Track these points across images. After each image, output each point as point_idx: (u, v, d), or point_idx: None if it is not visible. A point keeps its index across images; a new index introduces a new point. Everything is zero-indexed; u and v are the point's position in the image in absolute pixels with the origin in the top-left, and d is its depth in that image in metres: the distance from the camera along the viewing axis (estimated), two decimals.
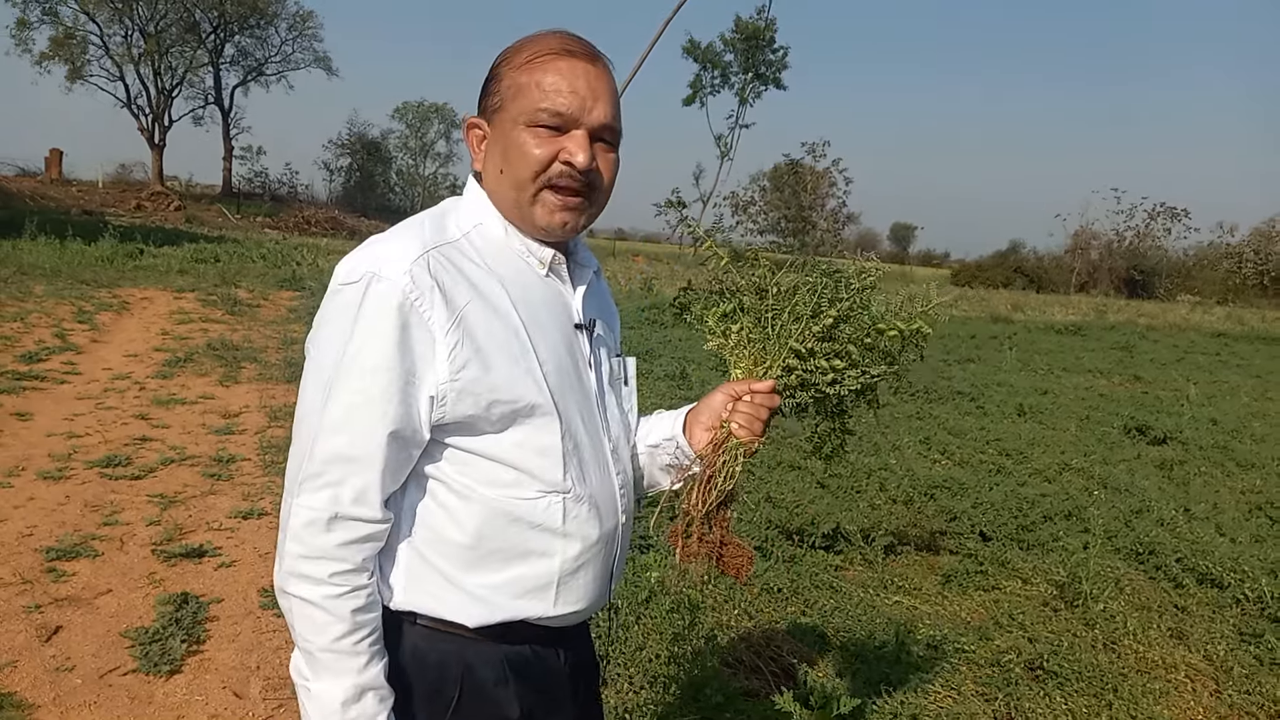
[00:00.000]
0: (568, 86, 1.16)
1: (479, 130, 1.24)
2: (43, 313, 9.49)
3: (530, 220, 1.21)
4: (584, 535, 1.23)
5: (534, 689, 1.27)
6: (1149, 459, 6.70)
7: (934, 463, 6.04)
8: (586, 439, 1.24)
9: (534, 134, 1.16)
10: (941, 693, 3.16)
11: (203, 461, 5.24)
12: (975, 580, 4.17)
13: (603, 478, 1.27)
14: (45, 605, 3.38)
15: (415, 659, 1.21)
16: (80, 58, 37.78)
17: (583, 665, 1.38)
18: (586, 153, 1.16)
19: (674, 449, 1.37)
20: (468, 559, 1.19)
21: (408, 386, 1.11)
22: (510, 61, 1.20)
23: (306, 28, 42.91)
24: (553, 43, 1.19)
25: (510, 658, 1.24)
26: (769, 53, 46.63)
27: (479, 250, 1.20)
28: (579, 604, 1.27)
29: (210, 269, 15.10)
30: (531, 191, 1.18)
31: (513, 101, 1.18)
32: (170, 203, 34.11)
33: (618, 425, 1.33)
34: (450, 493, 1.19)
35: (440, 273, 1.13)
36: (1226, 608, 4.03)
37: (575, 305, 1.28)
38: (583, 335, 1.28)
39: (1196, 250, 45.56)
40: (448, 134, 46.62)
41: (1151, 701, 3.15)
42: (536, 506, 1.19)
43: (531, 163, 1.16)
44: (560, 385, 1.21)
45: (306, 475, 1.13)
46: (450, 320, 1.12)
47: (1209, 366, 13.17)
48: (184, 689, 2.93)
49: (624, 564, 1.38)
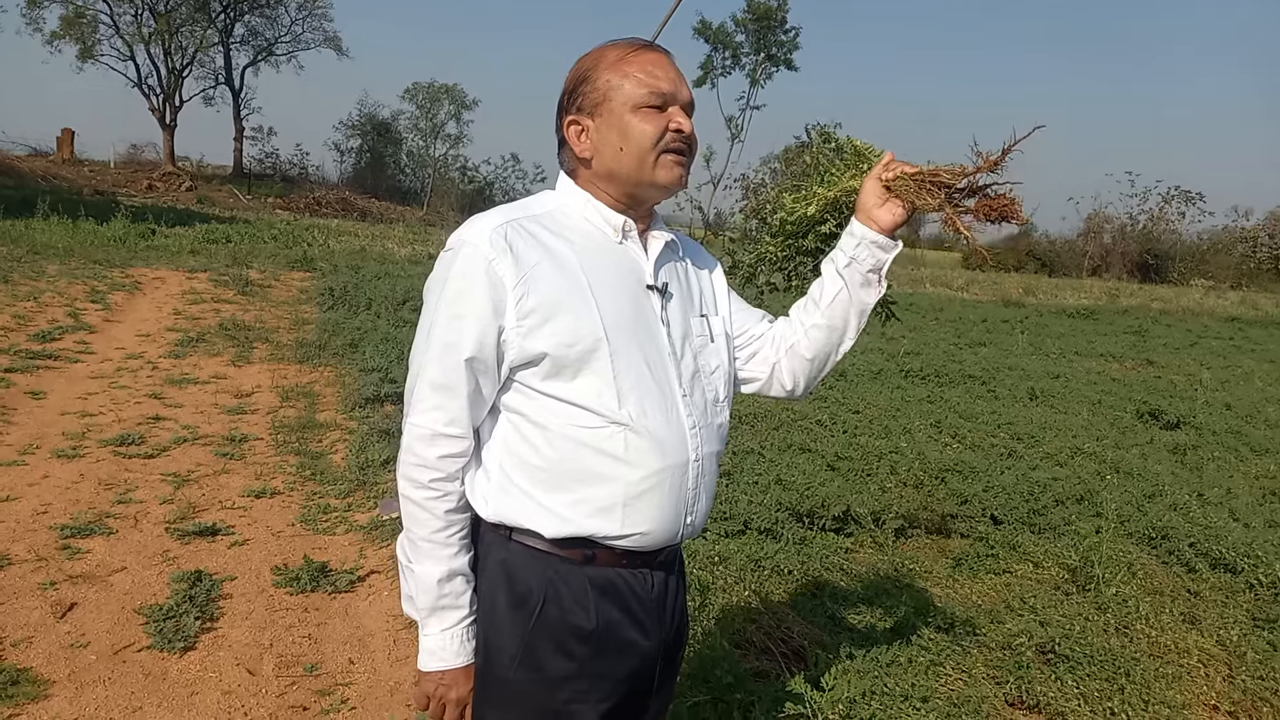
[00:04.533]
0: (662, 74, 1.43)
1: (579, 125, 1.46)
2: (56, 292, 9.53)
3: (654, 181, 1.44)
4: (645, 464, 1.41)
5: (616, 607, 1.45)
6: (1162, 444, 6.67)
7: (945, 446, 6.01)
8: (652, 382, 1.43)
9: (644, 115, 1.41)
10: (953, 675, 3.16)
11: (215, 441, 5.27)
12: (986, 564, 4.16)
13: (669, 417, 1.44)
14: (60, 582, 3.40)
15: (506, 569, 1.44)
16: (91, 37, 37.61)
17: (671, 603, 1.55)
18: (688, 121, 1.45)
19: (867, 250, 1.55)
20: (545, 480, 1.41)
21: (486, 329, 1.36)
22: (600, 64, 1.45)
23: (316, 7, 42.57)
24: (630, 43, 1.46)
25: (593, 577, 1.44)
26: (780, 33, 46.21)
27: (557, 221, 1.46)
28: (645, 526, 1.43)
29: (222, 249, 15.12)
30: (653, 158, 1.43)
31: (617, 93, 1.42)
32: (181, 183, 34.12)
33: (693, 375, 1.51)
34: (529, 424, 1.41)
35: (515, 239, 1.38)
36: (1240, 593, 4.01)
37: (647, 269, 1.49)
38: (655, 295, 1.48)
39: (1210, 234, 45.04)
40: (458, 115, 46.18)
41: (1164, 686, 3.14)
42: (599, 435, 1.39)
43: (651, 135, 1.41)
44: (620, 333, 1.41)
45: (416, 399, 1.41)
46: (519, 277, 1.36)
47: (1222, 351, 13.09)
48: (197, 666, 2.95)
49: (705, 504, 1.53)
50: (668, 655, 1.56)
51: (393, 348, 7.49)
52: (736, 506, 4.29)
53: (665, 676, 1.58)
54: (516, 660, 1.43)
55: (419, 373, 1.41)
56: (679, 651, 1.63)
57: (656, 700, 1.59)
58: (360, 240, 19.95)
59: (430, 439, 1.39)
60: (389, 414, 5.84)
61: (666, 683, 1.60)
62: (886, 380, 8.25)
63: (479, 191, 46.58)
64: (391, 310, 9.66)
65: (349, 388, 6.56)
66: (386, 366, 6.84)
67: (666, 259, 1.54)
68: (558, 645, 1.43)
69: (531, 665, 1.43)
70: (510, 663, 1.43)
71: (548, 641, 1.42)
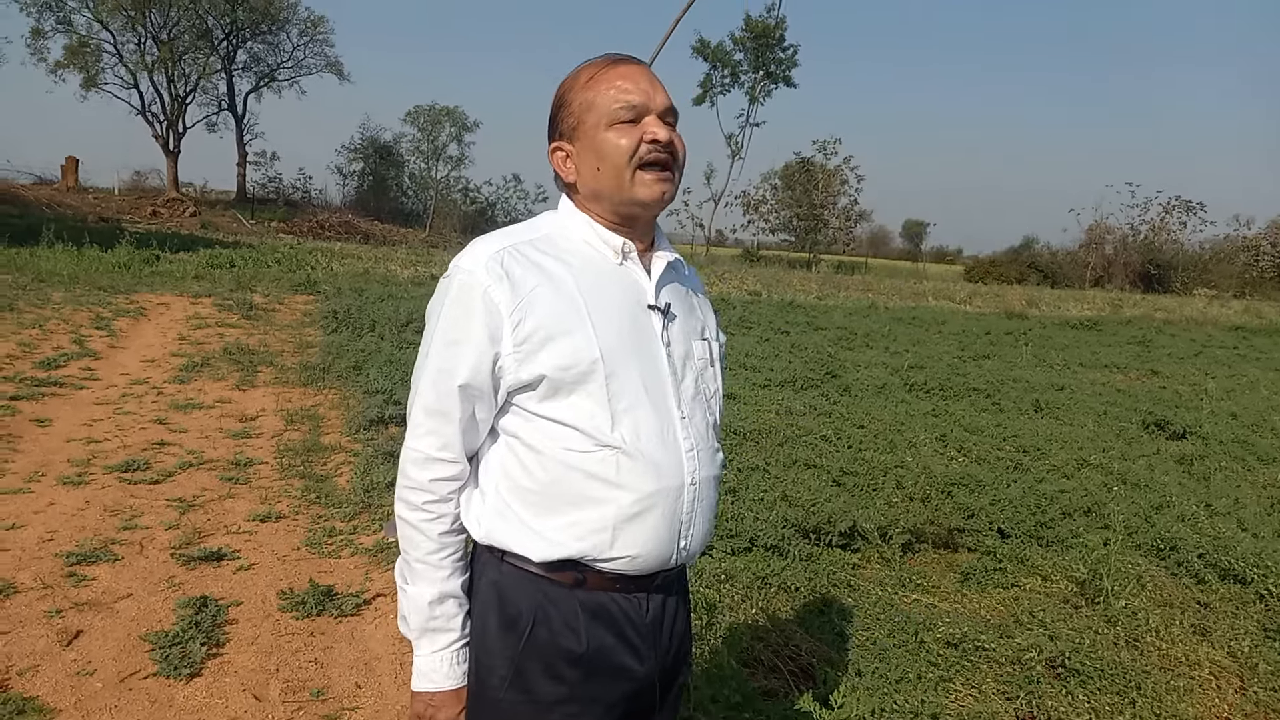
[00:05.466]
0: (632, 85, 1.40)
1: (562, 151, 1.46)
2: (61, 319, 9.57)
3: (634, 199, 1.41)
4: (638, 487, 1.39)
5: (608, 631, 1.44)
6: (1168, 454, 6.64)
7: (950, 460, 6.00)
8: (649, 404, 1.42)
9: (617, 130, 1.39)
10: (962, 691, 3.14)
11: (220, 465, 5.27)
12: (994, 578, 4.14)
13: (666, 440, 1.43)
14: (66, 610, 3.40)
15: (498, 590, 1.44)
16: (94, 66, 37.94)
17: (669, 626, 1.53)
18: (664, 128, 1.40)
19: None
20: (537, 503, 1.40)
21: (481, 356, 1.37)
22: (574, 87, 1.43)
23: (318, 33, 42.98)
24: (601, 61, 1.44)
25: (584, 601, 1.43)
26: (779, 51, 46.45)
27: (556, 245, 1.44)
28: (635, 550, 1.42)
29: (226, 274, 15.19)
30: (629, 174, 1.40)
31: (589, 113, 1.41)
32: (185, 209, 34.28)
33: (693, 398, 1.50)
34: (524, 446, 1.41)
35: (512, 265, 1.37)
36: (1250, 604, 3.98)
37: (649, 289, 1.47)
38: (656, 315, 1.47)
39: (1212, 243, 45.13)
40: (459, 137, 46.35)
41: (1176, 699, 3.12)
42: (591, 459, 1.38)
43: (624, 150, 1.39)
44: (617, 355, 1.39)
45: (412, 424, 1.42)
46: (515, 303, 1.35)
47: (1227, 360, 13.05)
48: (204, 692, 2.94)
49: (702, 528, 1.50)
50: (667, 679, 1.54)
51: (396, 369, 7.50)
52: (743, 523, 4.28)
53: (666, 700, 1.56)
54: (506, 682, 1.42)
55: (414, 397, 1.43)
56: (679, 674, 1.60)
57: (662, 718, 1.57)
58: (363, 263, 20.02)
59: (424, 463, 1.41)
60: (393, 436, 5.85)
61: (668, 706, 1.58)
62: (891, 394, 8.24)
63: (481, 212, 46.75)
64: (395, 332, 9.68)
65: (353, 410, 6.57)
66: (390, 388, 6.85)
67: (669, 279, 1.52)
68: (547, 668, 1.42)
69: (521, 687, 1.42)
70: (500, 684, 1.43)
71: (537, 664, 1.42)
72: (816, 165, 48.41)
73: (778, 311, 15.46)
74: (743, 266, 35.52)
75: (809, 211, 48.66)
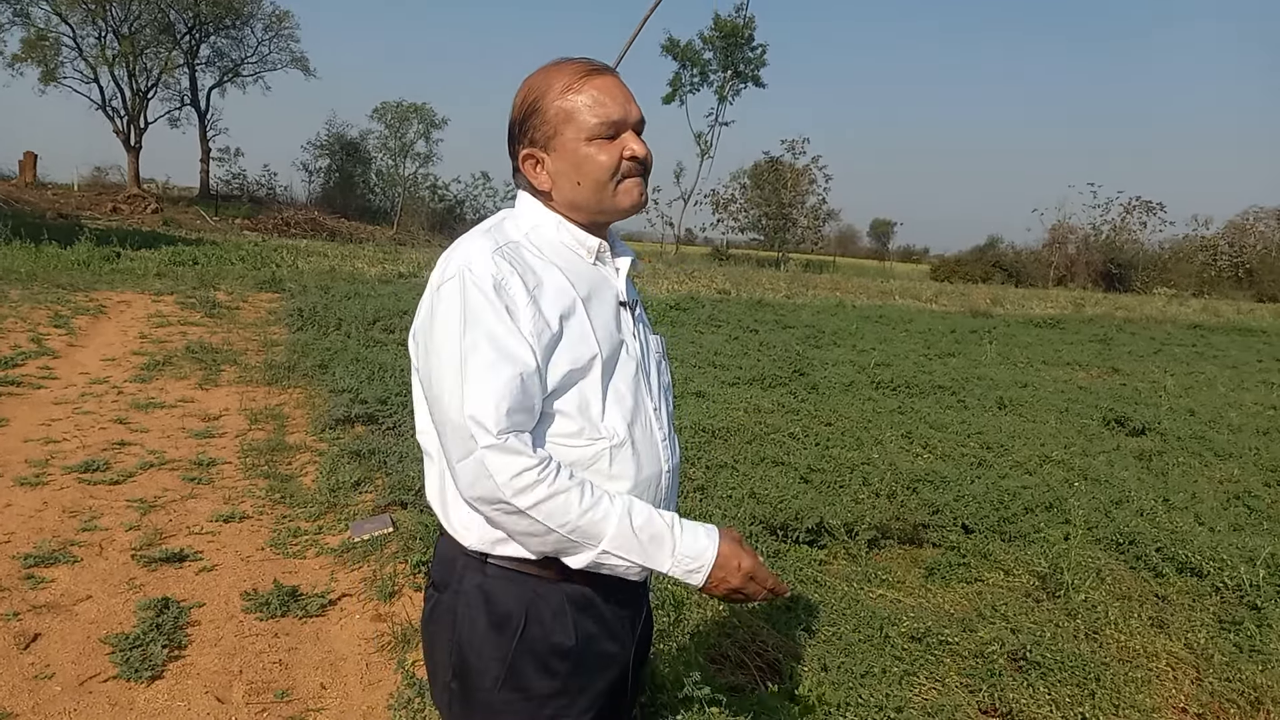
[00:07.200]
0: (609, 99, 1.42)
1: (534, 159, 1.47)
2: (18, 318, 9.37)
3: (616, 208, 1.47)
4: (629, 477, 1.44)
5: (593, 620, 1.48)
6: (1128, 450, 6.76)
7: (916, 456, 6.06)
8: (631, 398, 1.47)
9: (598, 146, 1.42)
10: (926, 684, 3.18)
11: (182, 465, 5.20)
12: (958, 572, 4.19)
13: (646, 431, 1.49)
14: (23, 612, 3.34)
15: (484, 592, 1.44)
16: (53, 60, 37.15)
17: (641, 608, 1.60)
18: (643, 145, 1.46)
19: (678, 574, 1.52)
20: None
21: (518, 344, 1.34)
22: (547, 93, 1.43)
23: (283, 28, 42.33)
24: (576, 68, 1.44)
25: (570, 593, 1.45)
26: (748, 50, 46.61)
27: (537, 246, 1.45)
28: None
29: (188, 271, 14.95)
30: (612, 188, 1.45)
31: (567, 125, 1.42)
32: (147, 205, 33.70)
33: (659, 390, 1.57)
34: None
35: (514, 263, 1.39)
36: (1206, 596, 4.07)
37: (620, 286, 1.53)
38: (627, 311, 1.52)
39: (1172, 243, 46.03)
40: (427, 134, 45.93)
41: (1134, 690, 3.18)
42: (587, 453, 1.41)
43: (607, 167, 1.43)
44: (610, 351, 1.44)
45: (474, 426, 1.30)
46: (527, 298, 1.36)
47: (1185, 358, 13.30)
48: (165, 695, 2.91)
49: None
50: (637, 659, 1.60)
51: (363, 368, 7.42)
52: (710, 520, 4.29)
53: (637, 676, 1.62)
54: (500, 681, 1.43)
55: (460, 411, 1.32)
56: (648, 650, 1.69)
57: (630, 697, 1.63)
58: (329, 260, 19.80)
59: (512, 453, 1.31)
60: (360, 435, 5.80)
61: (637, 685, 1.64)
62: (858, 392, 8.31)
63: (449, 210, 46.39)
64: (362, 330, 9.59)
65: (319, 409, 6.50)
66: (357, 387, 6.78)
67: (627, 277, 1.58)
68: (540, 664, 1.44)
69: (515, 685, 1.43)
70: (494, 685, 1.43)
71: (531, 661, 1.43)
72: (785, 164, 48.67)
73: (746, 310, 15.51)
74: (712, 265, 35.63)
75: (778, 210, 48.92)
